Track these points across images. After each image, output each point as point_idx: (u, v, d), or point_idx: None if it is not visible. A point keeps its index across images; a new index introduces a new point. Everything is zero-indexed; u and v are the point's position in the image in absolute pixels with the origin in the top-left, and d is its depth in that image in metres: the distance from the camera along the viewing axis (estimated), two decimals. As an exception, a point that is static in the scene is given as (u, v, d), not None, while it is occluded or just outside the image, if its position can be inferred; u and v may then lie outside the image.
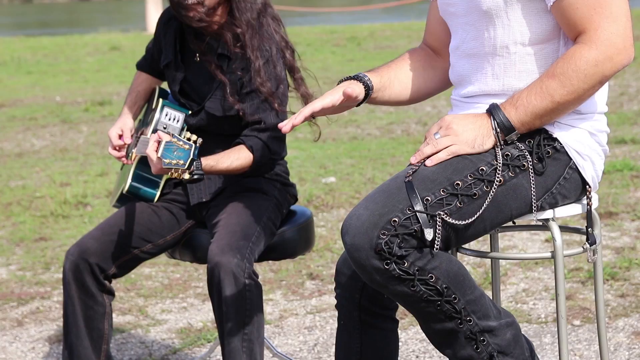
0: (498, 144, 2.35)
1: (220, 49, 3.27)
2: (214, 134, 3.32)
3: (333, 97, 2.45)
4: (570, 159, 2.41)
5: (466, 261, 4.52)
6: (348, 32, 17.35)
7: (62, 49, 17.28)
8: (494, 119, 2.34)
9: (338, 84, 2.55)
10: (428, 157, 2.35)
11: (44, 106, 10.67)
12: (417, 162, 2.35)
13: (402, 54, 2.72)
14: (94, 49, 16.99)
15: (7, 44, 19.00)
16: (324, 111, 2.47)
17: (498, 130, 2.34)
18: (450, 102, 2.59)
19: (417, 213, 2.24)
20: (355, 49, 14.96)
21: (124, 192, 3.31)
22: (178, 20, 3.35)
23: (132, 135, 3.37)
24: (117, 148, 3.34)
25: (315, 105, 2.44)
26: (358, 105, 2.58)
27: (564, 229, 2.60)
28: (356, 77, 2.54)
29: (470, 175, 2.32)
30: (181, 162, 2.92)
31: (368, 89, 2.53)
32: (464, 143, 2.34)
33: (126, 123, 3.39)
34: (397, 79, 2.63)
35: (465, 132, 2.34)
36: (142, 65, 3.55)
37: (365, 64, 12.50)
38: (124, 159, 3.33)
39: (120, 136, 3.35)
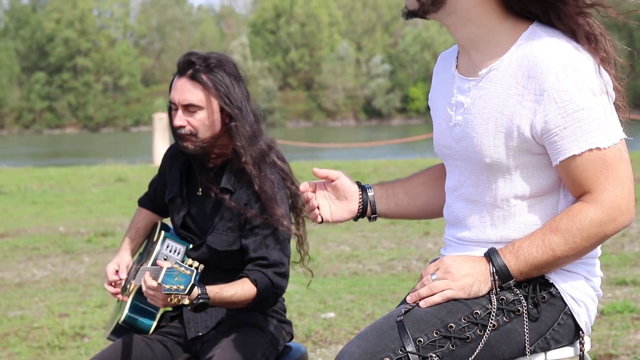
0: (494, 289, 2.35)
1: (223, 182, 3.32)
2: (215, 269, 3.33)
3: (329, 172, 2.61)
4: (566, 304, 2.41)
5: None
6: (352, 168, 17.51)
7: (69, 180, 17.43)
8: (493, 265, 2.35)
9: None
10: (423, 298, 2.36)
11: (47, 236, 10.70)
12: (412, 302, 2.36)
13: (423, 169, 2.79)
14: (100, 180, 17.13)
15: (15, 174, 19.19)
16: (333, 215, 2.59)
17: (496, 277, 2.35)
18: (444, 240, 2.61)
19: (409, 354, 2.24)
20: (358, 185, 15.04)
21: (120, 322, 3.30)
22: (185, 155, 3.41)
23: (129, 270, 3.39)
24: (113, 284, 3.36)
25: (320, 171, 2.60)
26: (361, 217, 2.68)
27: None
28: (358, 183, 2.66)
29: (464, 319, 2.32)
30: (182, 287, 2.93)
31: (363, 190, 2.65)
32: (459, 289, 2.34)
33: (123, 259, 3.42)
34: (403, 188, 2.67)
35: (462, 277, 2.34)
36: (144, 202, 3.60)
37: (368, 200, 12.58)
38: (118, 295, 3.35)
39: (117, 271, 3.38)
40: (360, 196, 2.67)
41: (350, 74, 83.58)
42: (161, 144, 19.30)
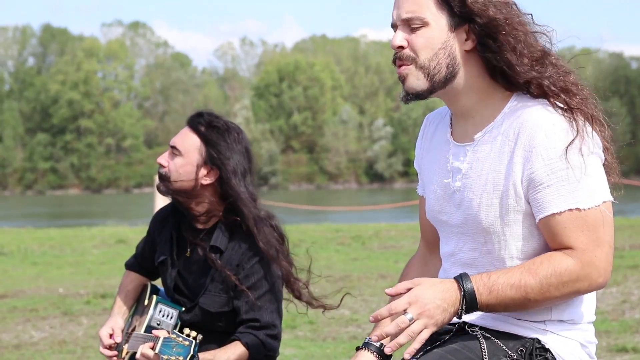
0: (456, 316, 2.34)
1: (213, 240, 3.33)
2: (208, 331, 3.32)
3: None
4: (562, 370, 2.41)
5: None
6: (353, 231, 17.48)
7: (69, 241, 17.41)
8: (464, 297, 2.33)
9: (356, 349, 2.60)
10: (401, 345, 2.32)
11: (46, 298, 10.67)
12: (392, 351, 2.33)
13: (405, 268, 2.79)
14: (101, 242, 17.11)
15: (15, 234, 19.17)
16: None
17: (464, 309, 2.33)
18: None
19: None
20: (359, 248, 15.03)
21: (115, 387, 3.28)
22: (176, 217, 3.43)
23: (122, 334, 3.38)
24: (108, 347, 3.36)
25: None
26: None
27: None
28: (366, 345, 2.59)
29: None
30: (180, 358, 2.92)
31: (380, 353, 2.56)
32: (435, 326, 2.31)
33: (117, 322, 3.42)
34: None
35: (436, 310, 2.30)
36: (131, 265, 3.61)
37: (369, 263, 12.55)
38: (114, 358, 3.34)
39: (111, 335, 3.37)
40: None
41: (353, 137, 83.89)
42: (162, 205, 19.30)
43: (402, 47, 2.43)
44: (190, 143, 3.34)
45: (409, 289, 2.34)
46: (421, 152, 2.70)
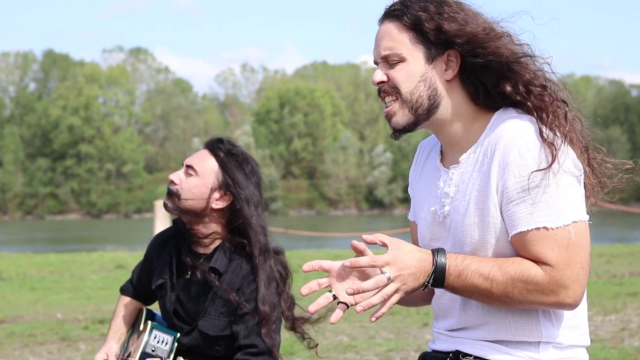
0: (423, 287, 2.37)
1: (213, 262, 3.34)
2: (206, 356, 3.32)
3: (331, 264, 2.53)
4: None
5: None
6: (352, 257, 17.47)
7: (68, 266, 17.39)
8: (434, 272, 2.36)
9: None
10: (373, 305, 2.34)
11: (44, 323, 10.64)
12: (363, 311, 2.34)
13: None
14: (100, 267, 17.09)
15: (14, 259, 19.15)
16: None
17: (430, 282, 2.37)
18: (432, 333, 2.60)
19: None
20: (358, 275, 15.00)
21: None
22: (176, 241, 3.44)
23: (117, 359, 3.38)
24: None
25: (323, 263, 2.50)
26: None
27: None
28: None
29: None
30: (174, 384, 2.91)
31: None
32: (404, 293, 2.35)
33: (111, 348, 3.41)
34: None
35: (410, 277, 2.34)
36: (126, 290, 3.61)
37: (368, 290, 12.52)
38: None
39: (106, 361, 3.37)
40: None
41: (353, 164, 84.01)
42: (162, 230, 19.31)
43: (383, 82, 2.54)
44: (208, 165, 3.37)
45: (385, 244, 2.40)
46: (414, 179, 2.74)
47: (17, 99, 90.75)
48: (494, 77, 2.45)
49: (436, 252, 2.39)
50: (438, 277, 2.37)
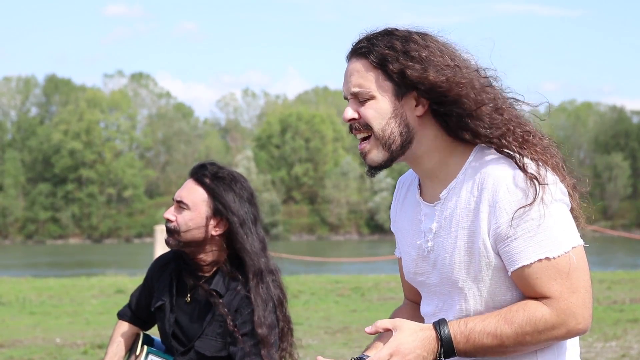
0: None
1: (214, 284, 3.33)
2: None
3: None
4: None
5: None
6: (353, 282, 17.44)
7: (68, 291, 17.36)
8: (442, 346, 2.36)
9: None
10: None
11: (43, 348, 10.60)
12: None
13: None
14: (100, 292, 17.06)
15: (14, 284, 19.12)
16: None
17: (442, 356, 2.36)
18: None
19: None
20: (359, 300, 14.98)
21: None
22: (177, 263, 3.44)
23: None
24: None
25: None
26: None
27: None
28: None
29: None
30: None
31: None
32: None
33: (108, 377, 3.40)
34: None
35: None
36: (124, 315, 3.60)
37: (368, 315, 12.47)
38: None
39: (103, 391, 3.35)
40: None
41: (354, 189, 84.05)
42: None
43: (354, 119, 2.50)
44: (197, 196, 3.36)
45: (388, 329, 2.37)
46: (395, 215, 2.73)
47: (18, 123, 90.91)
48: (455, 121, 2.45)
49: (437, 325, 2.38)
50: (447, 349, 2.36)
